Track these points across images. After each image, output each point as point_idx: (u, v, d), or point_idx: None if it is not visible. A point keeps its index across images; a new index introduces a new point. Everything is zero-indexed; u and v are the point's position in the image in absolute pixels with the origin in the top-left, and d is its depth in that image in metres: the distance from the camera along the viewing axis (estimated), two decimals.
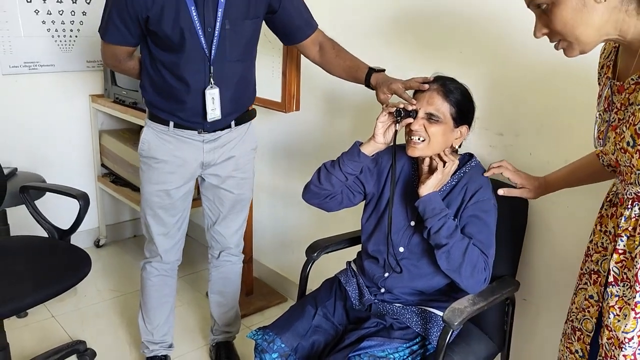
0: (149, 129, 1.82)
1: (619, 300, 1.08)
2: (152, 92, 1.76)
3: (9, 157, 2.63)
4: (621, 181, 1.09)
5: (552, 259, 1.66)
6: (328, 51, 1.80)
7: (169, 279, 2.01)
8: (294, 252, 2.60)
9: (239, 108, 1.82)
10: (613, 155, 1.05)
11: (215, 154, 1.84)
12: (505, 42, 1.66)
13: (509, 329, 1.61)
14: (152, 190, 1.84)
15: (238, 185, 1.93)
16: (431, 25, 1.85)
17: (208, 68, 1.67)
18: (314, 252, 1.71)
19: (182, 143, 1.79)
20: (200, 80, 1.68)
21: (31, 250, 1.90)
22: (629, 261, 1.07)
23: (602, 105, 1.09)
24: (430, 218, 1.40)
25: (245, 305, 2.54)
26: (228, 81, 1.72)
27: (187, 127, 1.76)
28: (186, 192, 1.89)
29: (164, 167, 1.80)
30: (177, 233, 1.94)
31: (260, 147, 2.57)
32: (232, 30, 1.65)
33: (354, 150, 1.49)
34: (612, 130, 1.05)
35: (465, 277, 1.40)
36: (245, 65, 1.77)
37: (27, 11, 2.64)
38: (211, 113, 1.71)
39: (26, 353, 2.14)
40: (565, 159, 1.57)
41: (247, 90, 1.84)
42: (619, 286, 1.08)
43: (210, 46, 1.64)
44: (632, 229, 1.05)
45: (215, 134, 1.80)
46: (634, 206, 1.05)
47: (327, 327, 1.55)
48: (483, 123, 1.72)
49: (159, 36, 1.62)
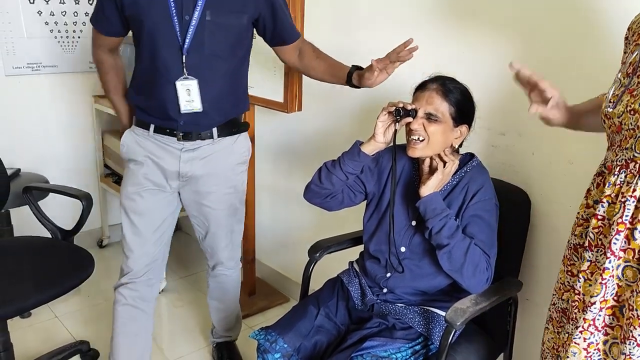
0: (130, 132, 1.78)
1: (590, 265, 1.08)
2: (135, 90, 1.73)
3: (12, 157, 2.63)
4: (614, 149, 1.07)
5: (555, 259, 1.65)
6: (307, 55, 1.80)
7: (139, 312, 1.80)
8: (296, 252, 2.60)
9: (222, 113, 1.73)
10: (619, 118, 1.04)
11: (193, 166, 1.74)
12: (508, 41, 1.65)
13: (512, 329, 1.61)
14: (128, 192, 1.77)
15: (222, 201, 1.84)
16: (434, 23, 1.85)
17: (181, 57, 1.60)
18: (316, 252, 1.71)
19: (160, 149, 1.72)
20: (173, 70, 1.61)
21: (34, 251, 1.90)
22: (605, 228, 1.06)
23: (625, 71, 1.08)
24: (432, 218, 1.40)
25: (247, 306, 2.54)
26: (208, 76, 1.64)
27: (167, 131, 1.70)
28: (164, 202, 1.79)
29: (140, 169, 1.75)
30: (153, 248, 1.80)
31: (262, 147, 2.59)
32: (213, 22, 1.60)
33: (355, 149, 1.49)
34: (629, 93, 1.03)
35: (467, 277, 1.40)
36: (230, 65, 1.68)
37: (29, 12, 2.64)
38: (187, 105, 1.63)
39: (30, 353, 2.15)
40: (568, 159, 1.57)
41: (234, 96, 1.75)
42: (593, 251, 1.08)
43: (185, 34, 1.58)
44: (614, 196, 1.05)
45: (195, 143, 1.71)
46: (620, 173, 1.04)
47: (329, 327, 1.55)
48: (485, 123, 1.72)
49: (136, 21, 1.60)
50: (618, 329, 1.07)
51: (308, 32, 2.18)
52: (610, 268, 1.04)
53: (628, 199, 1.01)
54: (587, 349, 1.09)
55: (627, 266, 1.04)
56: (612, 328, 1.08)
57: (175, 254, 3.06)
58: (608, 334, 1.08)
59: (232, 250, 1.98)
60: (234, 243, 1.97)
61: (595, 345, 1.09)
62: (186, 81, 1.61)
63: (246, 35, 1.72)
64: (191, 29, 1.58)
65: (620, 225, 1.02)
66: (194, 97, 1.62)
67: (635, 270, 1.03)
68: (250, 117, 2.44)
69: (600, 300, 1.06)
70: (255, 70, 2.27)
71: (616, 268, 1.04)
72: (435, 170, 1.44)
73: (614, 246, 1.03)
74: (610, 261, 1.04)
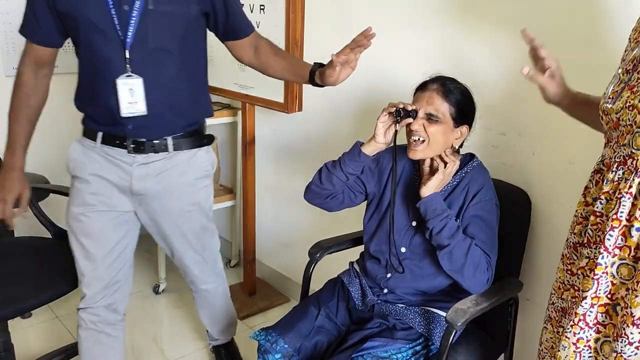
0: (77, 143, 1.61)
1: (589, 262, 1.07)
2: (80, 96, 1.57)
3: None
4: (612, 146, 1.07)
5: (555, 259, 1.64)
6: (264, 52, 1.66)
7: (103, 336, 1.67)
8: (297, 252, 2.60)
9: (177, 118, 1.55)
10: (617, 114, 1.04)
11: (147, 183, 1.58)
12: (509, 41, 1.65)
13: (512, 330, 1.61)
14: (73, 213, 1.60)
15: (184, 220, 1.69)
16: (434, 23, 1.85)
17: (123, 53, 1.43)
18: (316, 253, 1.71)
19: (109, 163, 1.56)
20: (115, 68, 1.44)
21: (35, 251, 1.90)
22: (603, 224, 1.06)
23: (624, 67, 1.08)
24: (432, 219, 1.40)
25: (247, 306, 2.55)
26: (156, 74, 1.48)
27: (116, 142, 1.53)
28: (116, 223, 1.62)
29: (87, 188, 1.57)
30: (107, 272, 1.63)
31: (262, 147, 2.59)
32: (156, 12, 1.43)
33: (355, 150, 1.49)
34: (629, 89, 1.03)
35: (467, 277, 1.40)
36: (182, 63, 1.52)
37: None
38: (129, 107, 1.45)
39: (31, 354, 2.15)
40: (569, 160, 1.57)
41: (191, 100, 1.57)
42: (591, 248, 1.08)
43: (126, 27, 1.42)
44: (612, 192, 1.04)
45: (148, 156, 1.55)
46: (618, 170, 1.04)
47: (330, 327, 1.55)
48: (485, 123, 1.72)
49: (70, 18, 1.43)
50: (611, 327, 1.06)
51: (308, 32, 2.18)
52: (602, 264, 1.03)
53: (624, 196, 1.01)
54: (576, 343, 1.09)
55: (622, 264, 1.03)
56: (605, 326, 1.07)
57: None
58: (600, 332, 1.08)
59: (207, 267, 1.84)
60: (207, 260, 1.82)
61: (585, 342, 1.08)
62: (129, 80, 1.44)
63: (197, 28, 1.54)
64: (132, 21, 1.42)
65: (615, 221, 1.02)
66: (137, 99, 1.45)
67: (631, 268, 1.02)
68: (250, 117, 2.45)
69: (592, 297, 1.05)
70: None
71: (610, 265, 1.04)
72: (436, 170, 1.44)
73: (608, 242, 1.02)
74: (603, 257, 1.03)
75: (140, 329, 2.39)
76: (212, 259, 1.85)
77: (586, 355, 1.09)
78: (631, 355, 1.01)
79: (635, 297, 0.99)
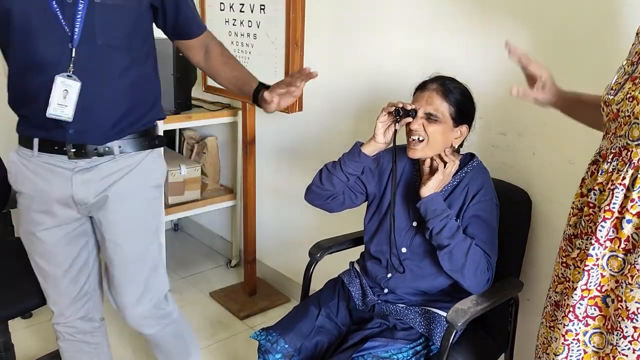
0: (14, 154, 1.46)
1: (580, 253, 1.07)
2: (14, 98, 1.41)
3: None
4: (609, 137, 1.07)
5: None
6: (215, 57, 1.55)
7: (83, 344, 1.62)
8: (297, 252, 2.59)
9: (121, 121, 1.41)
10: (617, 105, 1.04)
11: (90, 190, 1.41)
12: (509, 39, 1.65)
13: (513, 330, 1.61)
14: (24, 231, 1.49)
15: (129, 235, 1.49)
16: (434, 24, 1.84)
17: (68, 51, 1.30)
18: (317, 253, 1.71)
19: (48, 173, 1.41)
20: (56, 65, 1.31)
21: None
22: (595, 215, 1.06)
23: (630, 59, 1.08)
24: (432, 219, 1.40)
25: (248, 306, 2.55)
26: (102, 72, 1.36)
27: (55, 148, 1.38)
28: (68, 239, 1.48)
29: (32, 205, 1.45)
30: (72, 287, 1.53)
31: (263, 148, 2.59)
32: (104, 4, 1.31)
33: (355, 150, 1.49)
34: (631, 81, 1.03)
35: (468, 277, 1.40)
36: (129, 60, 1.39)
37: None
38: (57, 108, 1.31)
39: (31, 354, 2.15)
40: (569, 159, 1.57)
41: (138, 99, 1.43)
42: (583, 239, 1.08)
43: (73, 23, 1.29)
44: (605, 183, 1.04)
45: (92, 160, 1.39)
46: (613, 160, 1.04)
47: (330, 327, 1.55)
48: (485, 123, 1.72)
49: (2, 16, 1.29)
50: (601, 319, 1.06)
51: (308, 32, 2.18)
52: (593, 255, 1.03)
53: (617, 187, 1.01)
54: (564, 335, 1.08)
55: (612, 256, 1.03)
56: (594, 319, 1.07)
57: (175, 254, 3.07)
58: (588, 325, 1.07)
59: (149, 295, 1.54)
60: (148, 285, 1.53)
61: (574, 335, 1.08)
62: (68, 80, 1.31)
63: (144, 23, 1.42)
64: (79, 15, 1.29)
65: (607, 212, 1.01)
66: (68, 102, 1.31)
67: (621, 260, 1.02)
68: (250, 117, 2.45)
69: (582, 289, 1.05)
70: (256, 70, 2.27)
71: (601, 257, 1.03)
72: (436, 170, 1.44)
73: (599, 233, 1.02)
74: (594, 248, 1.03)
75: None
76: (158, 288, 1.57)
77: (574, 348, 1.09)
78: (625, 349, 1.01)
79: (630, 292, 0.99)
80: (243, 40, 2.31)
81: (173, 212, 2.63)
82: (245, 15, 2.28)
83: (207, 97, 2.83)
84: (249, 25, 2.27)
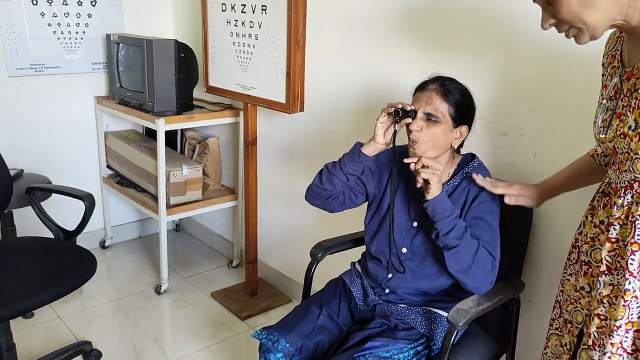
0: None
1: (614, 289, 1.08)
2: None
3: (15, 158, 2.65)
4: (615, 170, 1.09)
5: (557, 260, 1.65)
6: None
7: None
8: (299, 252, 2.60)
9: None
10: (611, 143, 1.05)
11: None
12: (509, 42, 1.65)
13: (514, 330, 1.61)
14: None
15: None
16: (434, 25, 1.85)
17: None
18: (318, 253, 1.71)
19: None
20: None
21: (37, 251, 1.91)
22: (621, 249, 1.07)
23: (608, 94, 1.09)
24: (441, 220, 1.38)
25: (249, 306, 2.55)
26: None
27: None
28: None
29: None
30: None
31: (264, 148, 2.59)
32: None
33: (355, 150, 1.49)
34: (617, 118, 1.05)
35: (474, 278, 1.39)
36: None
37: (33, 14, 2.65)
38: None
39: (32, 354, 2.15)
40: (570, 160, 1.56)
41: None
42: (613, 275, 1.08)
43: None
44: (624, 217, 1.06)
45: None
46: (626, 194, 1.05)
47: (331, 327, 1.55)
48: (487, 123, 1.72)
49: None
50: None
51: (309, 33, 2.18)
52: (630, 289, 1.05)
53: (638, 219, 1.03)
54: None
55: None
56: None
57: (176, 254, 3.07)
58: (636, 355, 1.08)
59: None
60: None
61: None
62: None
63: None
64: None
65: (634, 245, 1.03)
66: None
67: None
68: (252, 117, 2.45)
69: (625, 322, 1.07)
70: (257, 71, 2.28)
71: (638, 289, 1.05)
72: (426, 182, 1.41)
73: (631, 267, 1.04)
74: (629, 282, 1.05)
75: (142, 328, 2.40)
76: None
77: None
78: None
79: None
80: (244, 41, 2.32)
81: (174, 213, 2.63)
82: (247, 16, 2.28)
83: (209, 97, 2.83)
84: (250, 26, 2.27)
